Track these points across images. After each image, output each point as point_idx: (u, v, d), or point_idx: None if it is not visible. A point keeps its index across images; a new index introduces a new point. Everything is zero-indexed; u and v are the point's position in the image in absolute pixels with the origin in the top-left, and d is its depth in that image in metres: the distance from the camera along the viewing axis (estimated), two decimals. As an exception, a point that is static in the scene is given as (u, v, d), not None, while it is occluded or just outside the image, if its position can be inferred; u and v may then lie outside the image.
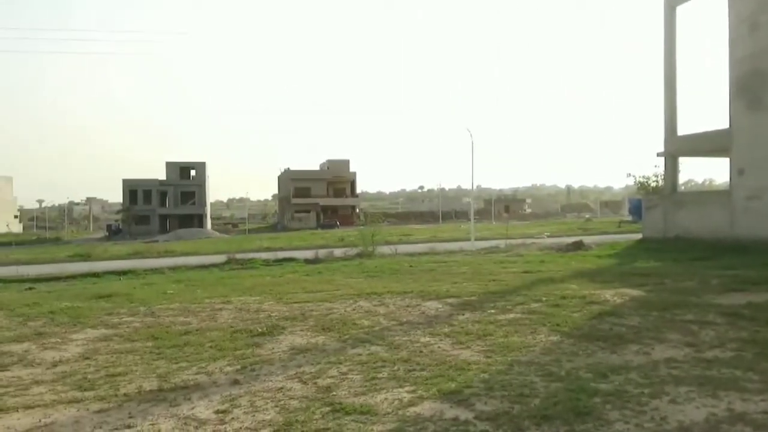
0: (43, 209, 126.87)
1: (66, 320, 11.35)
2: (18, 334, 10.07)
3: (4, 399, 6.30)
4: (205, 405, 5.88)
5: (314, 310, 11.47)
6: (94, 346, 8.97)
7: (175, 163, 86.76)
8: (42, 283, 22.35)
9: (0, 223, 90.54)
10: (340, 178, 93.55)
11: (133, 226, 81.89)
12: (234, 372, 7.12)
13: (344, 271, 19.96)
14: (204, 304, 12.87)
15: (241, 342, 8.74)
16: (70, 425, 5.43)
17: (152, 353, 8.29)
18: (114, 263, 30.75)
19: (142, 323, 10.83)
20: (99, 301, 14.23)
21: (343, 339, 8.75)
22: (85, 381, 6.93)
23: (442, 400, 5.76)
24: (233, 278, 19.53)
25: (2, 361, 8.15)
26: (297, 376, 6.78)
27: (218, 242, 54.96)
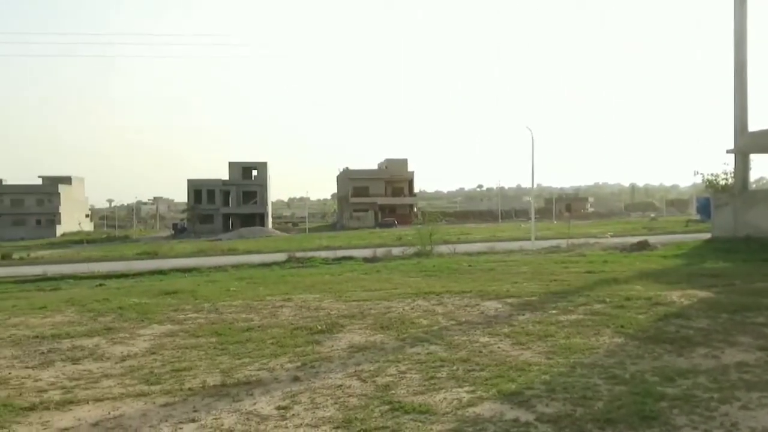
0: (113, 209, 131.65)
1: (134, 316, 11.73)
2: (89, 329, 10.47)
3: (75, 391, 6.55)
4: (266, 401, 5.98)
5: (373, 308, 11.52)
6: (161, 341, 9.24)
7: (238, 163, 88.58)
8: (112, 279, 23.22)
9: (72, 222, 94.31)
10: (398, 177, 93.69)
11: (198, 225, 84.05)
12: (294, 369, 7.22)
13: (402, 270, 19.97)
14: (265, 302, 13.10)
15: (301, 339, 8.86)
16: (137, 418, 5.60)
17: (216, 349, 8.49)
18: (179, 261, 31.65)
19: (206, 320, 11.10)
20: (165, 297, 14.68)
21: (401, 338, 8.76)
22: (152, 375, 7.15)
23: (502, 401, 5.70)
24: (294, 276, 19.81)
25: (74, 354, 8.48)
26: (356, 374, 6.82)
27: (279, 241, 55.88)
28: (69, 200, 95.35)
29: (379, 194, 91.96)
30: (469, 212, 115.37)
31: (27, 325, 11.21)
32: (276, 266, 25.66)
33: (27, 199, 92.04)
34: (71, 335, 9.87)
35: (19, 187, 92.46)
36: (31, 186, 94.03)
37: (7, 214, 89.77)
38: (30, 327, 11.01)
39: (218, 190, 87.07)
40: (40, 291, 19.72)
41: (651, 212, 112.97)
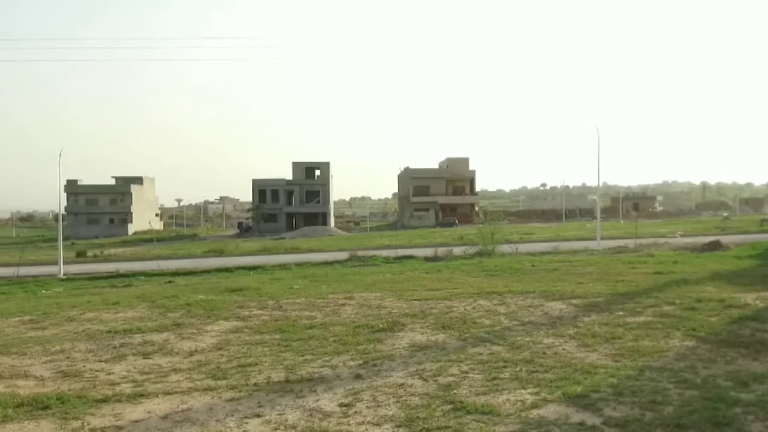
0: (182, 208, 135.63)
1: (201, 312, 12.05)
2: (159, 325, 10.81)
3: (145, 385, 6.77)
4: (329, 398, 6.04)
5: (434, 307, 11.48)
6: (227, 337, 9.45)
7: (301, 163, 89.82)
8: (180, 276, 23.90)
9: (143, 220, 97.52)
10: (459, 176, 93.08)
11: (262, 224, 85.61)
12: (356, 366, 7.26)
13: (464, 270, 19.84)
14: (328, 299, 13.24)
15: (363, 337, 8.90)
16: (204, 412, 5.74)
17: (280, 345, 8.62)
18: (245, 259, 32.31)
19: (271, 316, 11.29)
20: (231, 294, 15.01)
21: (463, 337, 8.70)
22: (218, 370, 7.32)
23: (567, 403, 5.58)
24: (355, 275, 19.95)
25: (145, 349, 8.77)
26: (418, 373, 6.81)
27: (341, 240, 56.39)
28: (140, 200, 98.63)
29: (440, 193, 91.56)
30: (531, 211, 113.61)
31: (101, 320, 11.67)
32: (338, 265, 25.88)
33: (101, 199, 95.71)
34: (142, 330, 10.22)
35: (94, 188, 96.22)
36: (105, 186, 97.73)
37: (82, 213, 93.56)
38: (103, 322, 11.45)
39: (282, 189, 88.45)
40: (113, 287, 20.46)
41: (723, 211, 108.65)
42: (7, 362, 8.12)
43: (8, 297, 18.57)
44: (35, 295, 18.90)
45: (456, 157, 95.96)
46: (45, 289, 20.63)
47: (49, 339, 9.79)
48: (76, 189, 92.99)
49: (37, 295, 18.58)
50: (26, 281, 24.43)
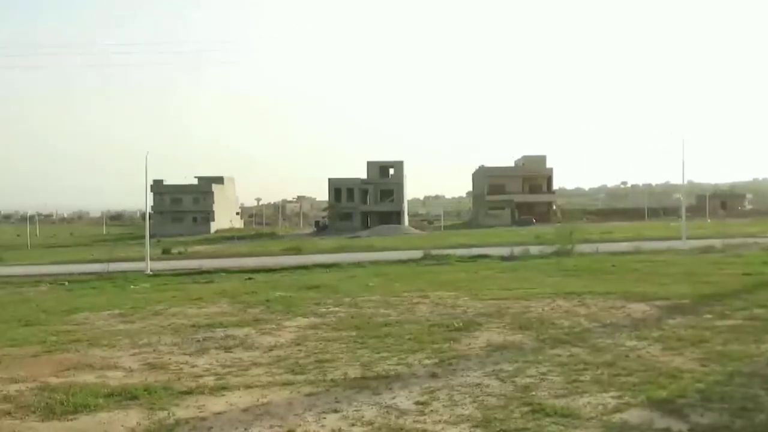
0: (261, 207, 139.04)
1: (280, 308, 12.32)
2: (240, 320, 11.12)
3: (227, 378, 6.97)
4: (405, 395, 6.05)
5: (511, 307, 11.33)
6: (304, 333, 9.63)
7: (376, 162, 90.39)
8: (260, 273, 24.47)
9: (225, 219, 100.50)
10: (535, 174, 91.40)
11: (338, 223, 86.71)
12: (432, 365, 7.25)
13: (541, 269, 19.48)
14: (402, 297, 13.27)
15: (438, 336, 8.88)
16: (283, 406, 5.86)
17: (356, 342, 8.71)
18: (321, 257, 32.78)
19: (347, 313, 11.43)
20: (308, 291, 15.29)
21: (541, 338, 8.54)
22: (297, 365, 7.46)
23: (652, 408, 5.39)
24: (429, 273, 19.93)
25: (227, 343, 9.04)
26: (494, 374, 6.73)
27: (415, 238, 56.43)
28: (222, 199, 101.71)
29: (516, 191, 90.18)
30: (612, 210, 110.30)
31: (185, 315, 12.12)
32: (412, 263, 25.87)
33: (185, 198, 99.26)
34: (224, 325, 10.54)
35: (178, 187, 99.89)
36: (189, 186, 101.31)
37: (167, 212, 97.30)
38: (188, 317, 11.89)
39: (357, 188, 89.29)
40: (196, 284, 21.16)
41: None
42: (98, 354, 8.55)
43: (99, 292, 19.52)
44: (124, 290, 19.78)
45: (533, 155, 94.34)
46: (133, 285, 21.56)
47: (137, 332, 10.25)
48: (161, 189, 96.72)
49: (126, 290, 19.44)
50: (116, 277, 25.58)
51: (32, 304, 15.89)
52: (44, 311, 13.80)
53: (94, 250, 51.44)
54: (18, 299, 17.94)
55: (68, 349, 8.96)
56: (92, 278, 25.51)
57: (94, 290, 20.23)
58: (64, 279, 25.42)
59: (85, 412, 5.69)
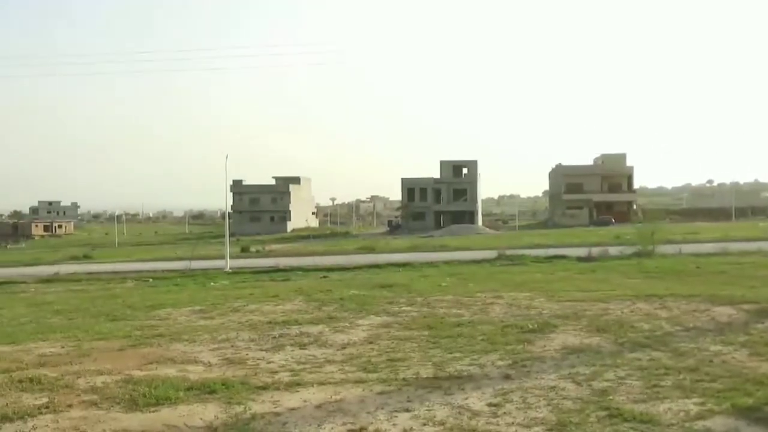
0: (335, 206, 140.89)
1: (353, 306, 12.43)
2: (314, 317, 11.30)
3: (301, 375, 7.08)
4: (477, 396, 5.99)
5: (588, 309, 11.04)
6: (377, 331, 9.68)
7: (449, 161, 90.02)
8: (334, 272, 24.78)
9: (301, 218, 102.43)
10: (615, 173, 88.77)
11: (411, 222, 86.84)
12: (506, 366, 7.15)
13: (620, 271, 18.90)
14: (475, 298, 13.15)
15: (512, 337, 8.75)
16: (356, 403, 5.91)
17: (428, 342, 8.69)
18: (394, 256, 32.89)
19: (419, 313, 11.42)
20: (381, 290, 15.37)
21: (619, 342, 8.28)
22: (369, 363, 7.51)
23: (737, 416, 5.14)
24: (503, 273, 19.67)
25: (301, 340, 9.19)
26: (570, 377, 6.57)
27: (489, 238, 55.83)
28: (298, 199, 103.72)
29: (594, 191, 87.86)
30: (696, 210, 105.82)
31: (262, 312, 12.40)
32: (486, 263, 25.59)
33: (263, 198, 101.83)
34: (299, 322, 10.73)
35: (257, 187, 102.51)
36: (267, 186, 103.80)
37: (246, 212, 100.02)
38: (264, 314, 12.17)
39: (430, 188, 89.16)
40: (273, 281, 21.65)
41: None
42: (179, 348, 8.86)
43: (181, 288, 20.24)
44: (204, 287, 20.44)
45: (612, 153, 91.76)
46: (213, 282, 22.26)
47: (216, 328, 10.56)
48: (241, 189, 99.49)
49: (206, 287, 20.08)
50: (197, 274, 26.48)
51: (119, 299, 16.63)
52: (130, 307, 14.42)
53: (177, 249, 53.41)
54: (106, 295, 18.83)
55: (151, 343, 9.33)
56: (175, 275, 26.49)
57: (176, 287, 20.99)
58: (149, 276, 26.52)
59: (167, 404, 5.90)
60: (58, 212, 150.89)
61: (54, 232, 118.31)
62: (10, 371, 7.40)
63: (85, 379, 6.96)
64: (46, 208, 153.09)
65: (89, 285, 23.76)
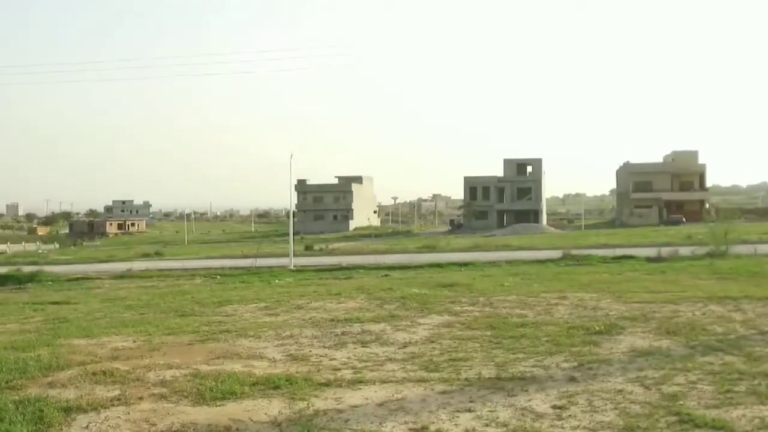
0: (397, 205, 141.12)
1: (415, 305, 12.42)
2: (376, 316, 11.34)
3: (363, 372, 7.12)
4: (541, 398, 5.89)
5: (657, 311, 10.70)
6: (439, 331, 9.65)
7: (513, 160, 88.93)
8: (396, 270, 24.87)
9: (363, 217, 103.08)
10: (686, 171, 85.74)
11: (473, 221, 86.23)
12: (570, 368, 7.00)
13: (691, 272, 18.25)
14: (540, 298, 12.94)
15: (577, 339, 8.57)
16: (417, 402, 5.90)
17: (491, 342, 8.60)
18: (456, 255, 32.73)
19: (481, 312, 11.32)
20: (442, 289, 15.31)
21: (690, 345, 8.00)
22: (431, 363, 7.48)
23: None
24: (569, 274, 19.28)
25: (363, 338, 9.25)
26: (638, 380, 6.38)
27: (553, 237, 54.87)
28: (360, 198, 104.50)
29: (664, 189, 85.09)
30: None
31: (325, 309, 12.54)
32: (550, 263, 25.15)
33: (326, 197, 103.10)
34: (361, 320, 10.80)
35: (320, 187, 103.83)
36: (330, 185, 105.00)
37: (310, 210, 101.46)
38: (327, 311, 12.30)
39: (493, 187, 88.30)
40: (336, 279, 21.88)
41: None
42: (245, 344, 9.05)
43: (247, 285, 20.70)
44: (269, 284, 20.83)
45: (683, 150, 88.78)
46: (278, 279, 22.67)
47: (281, 324, 10.74)
48: (305, 188, 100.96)
49: (271, 284, 20.46)
50: (262, 271, 27.04)
51: (188, 296, 17.14)
52: (198, 303, 14.82)
53: (243, 247, 54.68)
54: (175, 291, 19.46)
55: (218, 339, 9.56)
56: (241, 273, 27.15)
57: (242, 284, 21.50)
58: (216, 273, 27.26)
59: (232, 399, 6.04)
60: (131, 211, 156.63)
61: (127, 230, 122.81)
62: (84, 364, 7.72)
63: (155, 372, 7.19)
64: (119, 207, 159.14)
65: (160, 281, 24.62)
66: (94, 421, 5.46)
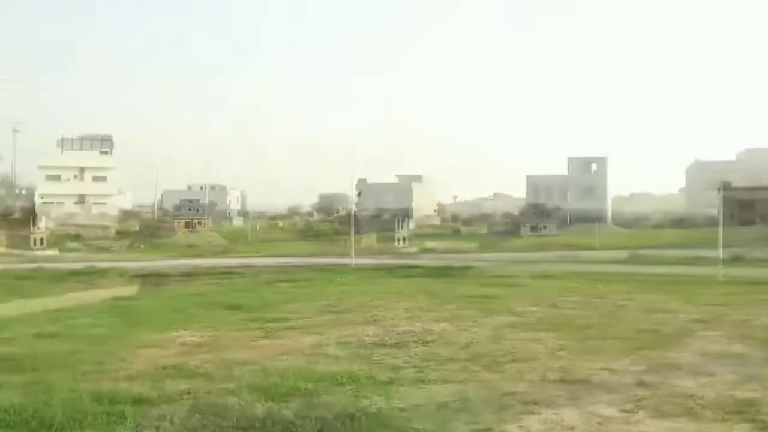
0: (457, 204, 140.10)
1: (476, 305, 12.34)
2: (437, 315, 11.34)
3: (426, 372, 7.09)
4: (608, 402, 5.75)
5: (729, 314, 10.33)
6: (501, 331, 9.55)
7: (577, 158, 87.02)
8: (455, 270, 24.73)
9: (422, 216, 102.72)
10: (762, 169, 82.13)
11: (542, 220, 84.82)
12: (639, 372, 6.84)
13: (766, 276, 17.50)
14: (606, 299, 12.71)
15: (646, 342, 8.34)
16: (480, 403, 5.82)
17: (555, 343, 8.47)
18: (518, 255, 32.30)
19: (545, 314, 11.18)
20: (504, 289, 15.17)
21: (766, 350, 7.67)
22: (494, 363, 7.42)
23: None
24: (634, 275, 18.78)
25: (425, 337, 9.20)
26: (710, 385, 6.16)
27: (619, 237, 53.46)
28: (420, 197, 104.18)
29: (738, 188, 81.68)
30: None
31: (386, 308, 12.60)
32: (616, 263, 24.56)
33: (385, 196, 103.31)
34: (422, 319, 10.80)
35: (380, 186, 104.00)
36: (390, 184, 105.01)
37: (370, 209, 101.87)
38: (388, 309, 12.36)
39: (556, 185, 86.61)
40: (396, 278, 21.93)
41: None
42: (308, 341, 9.17)
43: (311, 283, 20.93)
44: (332, 282, 21.03)
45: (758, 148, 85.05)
46: (340, 277, 22.84)
47: (343, 322, 10.84)
48: (364, 187, 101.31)
49: (333, 283, 20.65)
50: (324, 270, 27.31)
51: (252, 293, 17.47)
52: (263, 300, 15.10)
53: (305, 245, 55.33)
54: (241, 288, 19.84)
55: (283, 335, 9.72)
56: (304, 270, 27.48)
57: (306, 282, 21.74)
58: (280, 270, 27.66)
59: (297, 394, 6.12)
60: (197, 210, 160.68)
61: (193, 228, 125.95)
62: (155, 358, 7.98)
63: (222, 367, 7.36)
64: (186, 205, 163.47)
65: (225, 279, 25.15)
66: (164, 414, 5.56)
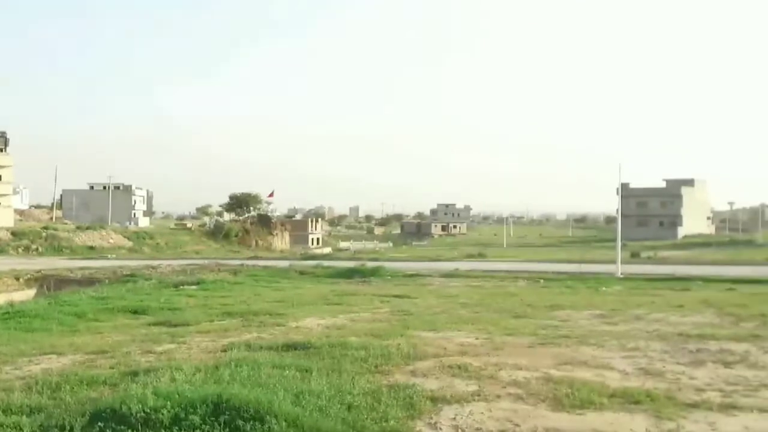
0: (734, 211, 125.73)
1: None
2: (733, 334, 10.10)
3: (734, 397, 6.30)
4: None
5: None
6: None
7: None
8: (742, 284, 22.06)
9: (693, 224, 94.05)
10: None
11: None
12: None
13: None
14: None
15: None
16: None
17: None
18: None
19: None
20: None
21: None
22: None
23: None
24: None
25: (724, 358, 8.23)
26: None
27: None
28: (691, 203, 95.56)
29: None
30: None
31: (668, 322, 11.59)
32: None
33: (651, 201, 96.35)
34: (716, 338, 9.69)
35: (645, 191, 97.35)
36: (656, 189, 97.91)
37: (632, 216, 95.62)
38: (671, 324, 11.34)
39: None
40: (671, 290, 20.11)
41: None
42: (588, 352, 8.72)
43: (573, 291, 20.19)
44: (597, 291, 20.06)
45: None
46: (605, 287, 21.68)
47: (622, 335, 10.16)
48: (627, 192, 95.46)
49: (598, 292, 19.67)
50: (587, 278, 26.15)
51: (516, 297, 17.29)
52: (528, 305, 14.84)
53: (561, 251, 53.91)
54: (502, 292, 19.81)
55: (559, 343, 9.37)
56: (565, 277, 26.59)
57: (568, 289, 21.03)
58: (539, 276, 27.13)
59: (591, 408, 5.79)
60: (454, 214, 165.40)
61: (449, 232, 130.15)
62: (438, 356, 8.16)
63: (506, 372, 7.27)
64: (443, 210, 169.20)
65: (485, 281, 25.36)
66: (460, 413, 5.66)
